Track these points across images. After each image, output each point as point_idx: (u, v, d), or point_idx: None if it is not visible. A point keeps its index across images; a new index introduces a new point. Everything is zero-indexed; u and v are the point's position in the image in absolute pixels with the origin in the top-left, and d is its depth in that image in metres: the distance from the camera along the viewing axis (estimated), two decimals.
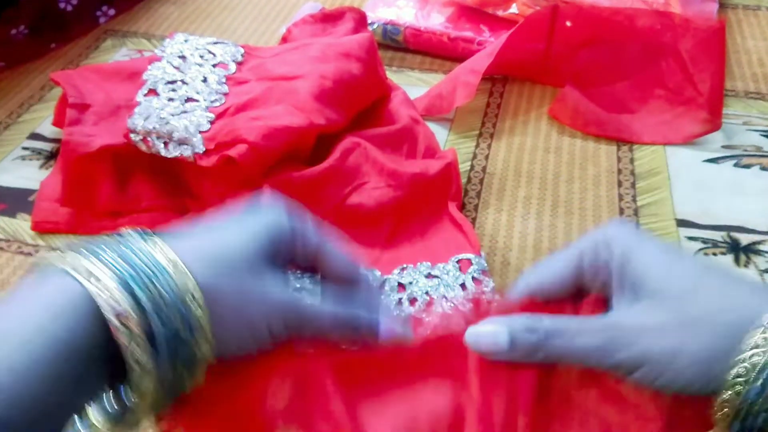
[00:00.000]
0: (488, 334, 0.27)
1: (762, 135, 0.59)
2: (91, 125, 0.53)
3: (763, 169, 0.56)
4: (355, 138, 0.52)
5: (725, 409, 0.24)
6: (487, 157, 0.58)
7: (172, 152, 0.49)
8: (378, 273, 0.46)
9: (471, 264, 0.46)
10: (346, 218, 0.49)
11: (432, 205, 0.51)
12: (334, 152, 0.51)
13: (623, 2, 0.66)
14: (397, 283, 0.46)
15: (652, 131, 0.59)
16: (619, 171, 0.56)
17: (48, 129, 0.61)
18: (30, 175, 0.57)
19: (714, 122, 0.58)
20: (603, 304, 0.29)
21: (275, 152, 0.48)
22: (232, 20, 0.78)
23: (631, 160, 0.57)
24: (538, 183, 0.55)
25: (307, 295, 0.30)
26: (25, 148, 0.60)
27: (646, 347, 0.25)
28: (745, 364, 0.23)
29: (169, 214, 0.52)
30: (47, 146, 0.60)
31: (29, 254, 0.50)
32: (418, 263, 0.47)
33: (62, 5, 0.72)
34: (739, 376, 0.23)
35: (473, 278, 0.45)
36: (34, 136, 0.61)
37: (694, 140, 0.58)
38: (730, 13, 0.76)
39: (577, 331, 0.26)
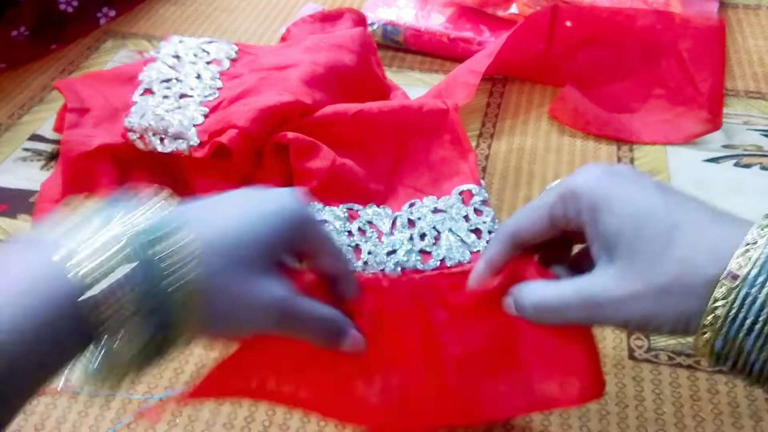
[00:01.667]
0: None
1: (762, 134, 0.59)
2: (90, 128, 0.53)
3: (764, 168, 0.56)
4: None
5: (700, 351, 0.26)
6: (487, 157, 0.58)
7: (168, 147, 0.49)
8: (389, 210, 0.48)
9: (473, 195, 0.48)
10: (351, 132, 0.50)
11: (433, 133, 0.52)
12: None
13: (623, 2, 0.66)
14: (407, 219, 0.47)
15: (653, 131, 0.59)
16: None
17: (49, 130, 0.62)
18: (31, 176, 0.57)
19: (714, 122, 0.58)
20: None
21: (265, 134, 0.48)
22: (232, 21, 0.78)
23: (632, 160, 0.57)
24: (539, 183, 0.55)
25: (299, 296, 0.30)
26: (25, 150, 0.60)
27: (624, 317, 0.27)
28: (709, 317, 0.25)
29: None
30: (48, 147, 0.60)
31: None
32: (425, 198, 0.49)
33: (63, 6, 0.72)
34: (705, 326, 0.25)
35: (475, 209, 0.47)
36: (35, 138, 0.61)
37: (695, 140, 0.58)
38: (731, 12, 0.76)
39: (563, 306, 0.29)
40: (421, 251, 0.43)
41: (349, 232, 0.46)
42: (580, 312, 0.29)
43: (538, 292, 0.30)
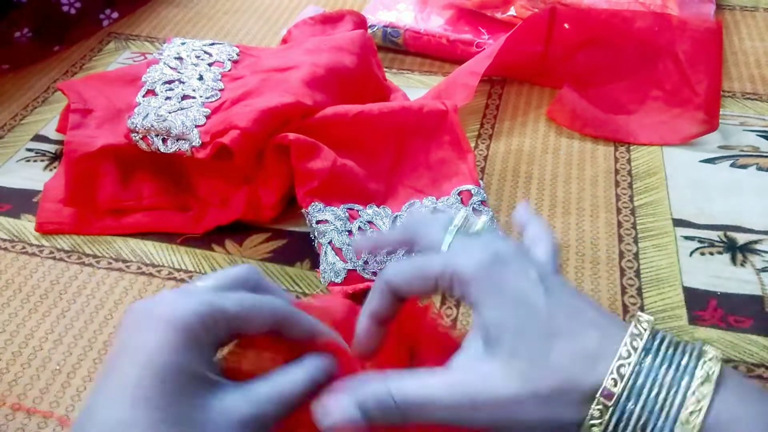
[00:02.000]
0: (342, 418, 0.25)
1: (758, 135, 0.60)
2: (93, 128, 0.54)
3: (760, 169, 0.56)
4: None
5: None
6: (485, 158, 0.58)
7: (171, 148, 0.49)
8: (389, 210, 0.49)
9: (471, 195, 0.49)
10: (352, 133, 0.51)
11: (433, 134, 0.53)
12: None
13: (621, 4, 0.66)
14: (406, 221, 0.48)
15: (650, 132, 0.60)
16: (617, 171, 0.57)
17: (52, 131, 0.62)
18: (34, 177, 0.57)
19: (711, 123, 0.59)
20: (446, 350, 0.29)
21: (266, 135, 0.49)
22: (234, 23, 0.79)
23: (629, 161, 0.58)
24: (537, 183, 0.56)
25: (263, 385, 0.26)
26: (29, 150, 0.60)
27: (502, 419, 0.25)
28: (595, 422, 0.24)
29: (171, 213, 0.52)
30: (51, 148, 0.61)
31: (33, 255, 0.50)
32: (424, 198, 0.49)
33: (65, 8, 0.73)
34: (593, 427, 0.24)
35: (473, 209, 0.48)
36: (38, 138, 0.62)
37: (691, 141, 0.59)
38: (727, 14, 0.77)
39: (436, 405, 0.25)
40: None
41: (350, 232, 0.47)
42: (455, 413, 0.25)
43: (408, 387, 0.26)
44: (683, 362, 0.24)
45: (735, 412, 0.24)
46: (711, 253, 0.49)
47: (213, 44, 0.59)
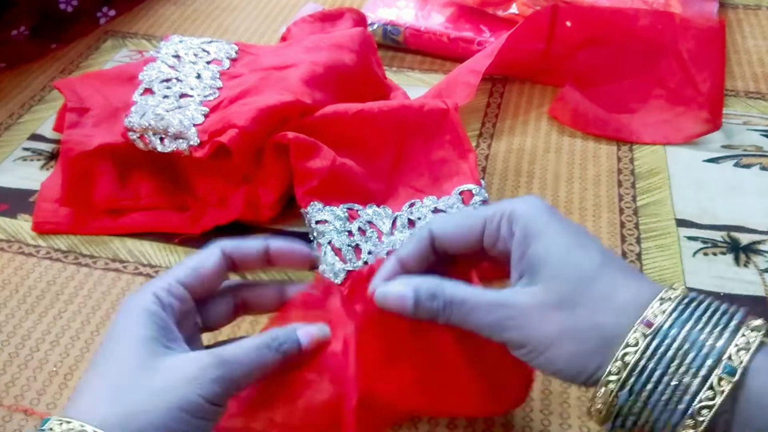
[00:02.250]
0: (396, 295, 0.29)
1: (762, 135, 0.59)
2: (90, 127, 0.54)
3: (763, 168, 0.56)
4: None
5: (599, 406, 0.25)
6: (487, 158, 0.58)
7: (168, 147, 0.49)
8: (390, 210, 0.48)
9: (473, 195, 0.48)
10: (352, 132, 0.50)
11: (433, 133, 0.52)
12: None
13: (623, 2, 0.66)
14: (407, 220, 0.48)
15: (652, 131, 0.59)
16: (619, 171, 0.56)
17: (49, 130, 0.62)
18: (31, 176, 0.57)
19: (714, 122, 0.58)
20: (502, 271, 0.31)
21: (265, 134, 0.48)
22: (232, 21, 0.78)
23: (631, 160, 0.57)
24: (538, 183, 0.55)
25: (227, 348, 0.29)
26: (25, 149, 0.60)
27: (528, 332, 0.27)
28: (618, 363, 0.25)
29: (168, 213, 0.52)
30: (48, 147, 0.60)
31: (30, 255, 0.50)
32: (425, 198, 0.49)
33: (63, 6, 0.72)
34: (611, 373, 0.25)
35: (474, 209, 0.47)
36: (35, 137, 0.61)
37: (695, 140, 0.58)
38: (731, 12, 0.77)
39: (474, 306, 0.28)
40: None
41: (350, 232, 0.47)
42: (488, 315, 0.28)
43: (456, 289, 0.29)
44: (721, 325, 0.24)
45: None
46: (714, 254, 0.49)
47: (211, 42, 0.58)
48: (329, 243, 0.46)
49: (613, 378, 0.24)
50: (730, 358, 0.23)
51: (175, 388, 0.26)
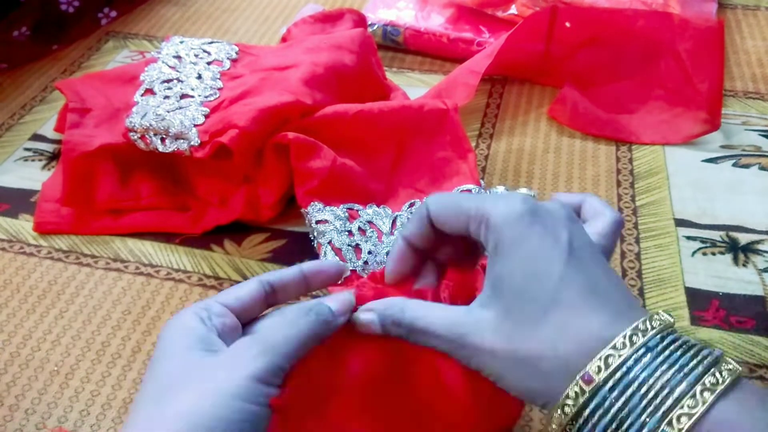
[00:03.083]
0: (365, 321, 0.30)
1: (761, 135, 0.59)
2: (91, 128, 0.54)
3: (762, 168, 0.56)
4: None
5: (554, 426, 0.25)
6: (486, 158, 0.58)
7: (169, 147, 0.49)
8: (389, 210, 0.49)
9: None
10: (352, 133, 0.51)
11: (433, 133, 0.52)
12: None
13: (622, 3, 0.66)
14: (407, 220, 0.48)
15: (651, 131, 0.60)
16: (618, 171, 0.56)
17: (50, 130, 0.62)
18: (32, 176, 0.57)
19: (713, 122, 0.58)
20: (466, 289, 0.32)
21: (265, 134, 0.48)
22: (232, 22, 0.78)
23: (630, 160, 0.57)
24: (538, 183, 0.55)
25: (269, 327, 0.29)
26: (27, 149, 0.60)
27: (484, 367, 0.27)
28: (558, 411, 0.24)
29: (169, 213, 0.52)
30: (49, 147, 0.60)
31: (31, 255, 0.50)
32: (425, 198, 0.48)
33: (64, 7, 0.73)
34: (566, 404, 0.24)
35: None
36: (36, 137, 0.62)
37: (693, 140, 0.59)
38: (729, 13, 0.77)
39: (434, 332, 0.28)
40: None
41: (350, 232, 0.47)
42: (447, 343, 0.27)
43: (417, 313, 0.29)
44: (690, 366, 0.23)
45: (735, 422, 0.22)
46: (713, 254, 0.49)
47: (212, 43, 0.58)
48: (329, 243, 0.46)
49: (554, 421, 0.24)
50: (693, 396, 0.22)
51: (223, 378, 0.26)
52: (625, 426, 0.23)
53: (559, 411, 0.24)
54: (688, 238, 0.50)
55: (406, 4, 0.72)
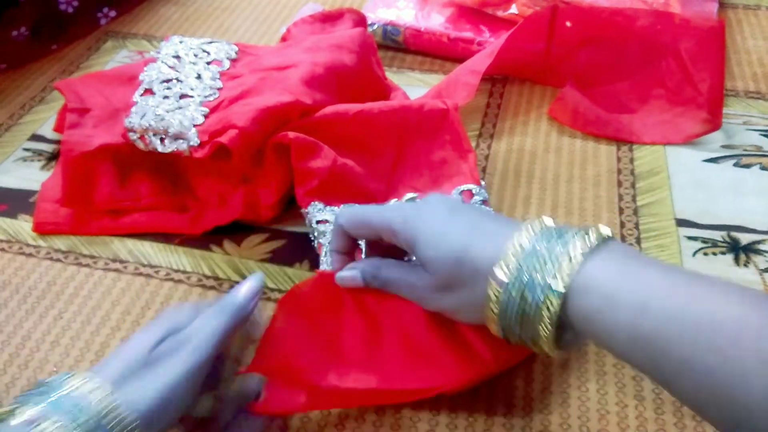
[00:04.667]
0: (348, 277, 0.38)
1: (762, 134, 0.59)
2: (90, 128, 0.54)
3: (763, 168, 0.56)
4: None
5: (494, 328, 0.33)
6: (487, 158, 0.58)
7: (168, 147, 0.49)
8: None
9: (473, 195, 0.48)
10: (352, 132, 0.51)
11: (434, 133, 0.52)
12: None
13: (623, 2, 0.66)
14: None
15: (652, 131, 0.59)
16: (619, 171, 0.56)
17: (49, 130, 0.62)
18: (31, 177, 0.57)
19: (714, 122, 0.58)
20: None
21: (265, 135, 0.48)
22: (232, 21, 0.78)
23: (631, 160, 0.57)
24: (538, 183, 0.55)
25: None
26: (26, 150, 0.60)
27: (436, 306, 0.36)
28: (488, 312, 0.32)
29: (169, 213, 0.52)
30: (48, 147, 0.60)
31: (31, 255, 0.50)
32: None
33: (63, 7, 0.72)
34: (490, 315, 0.32)
35: None
36: (35, 138, 0.61)
37: (694, 140, 0.58)
38: (730, 12, 0.77)
39: (402, 285, 0.37)
40: None
41: None
42: (410, 293, 0.37)
43: (389, 270, 0.37)
44: (572, 238, 0.30)
45: (606, 279, 0.29)
46: (714, 254, 0.49)
47: (211, 42, 0.58)
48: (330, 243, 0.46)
49: (490, 319, 0.33)
50: (570, 260, 0.29)
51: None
52: (529, 291, 0.30)
53: (488, 312, 0.32)
54: (689, 238, 0.50)
55: (406, 4, 0.72)
